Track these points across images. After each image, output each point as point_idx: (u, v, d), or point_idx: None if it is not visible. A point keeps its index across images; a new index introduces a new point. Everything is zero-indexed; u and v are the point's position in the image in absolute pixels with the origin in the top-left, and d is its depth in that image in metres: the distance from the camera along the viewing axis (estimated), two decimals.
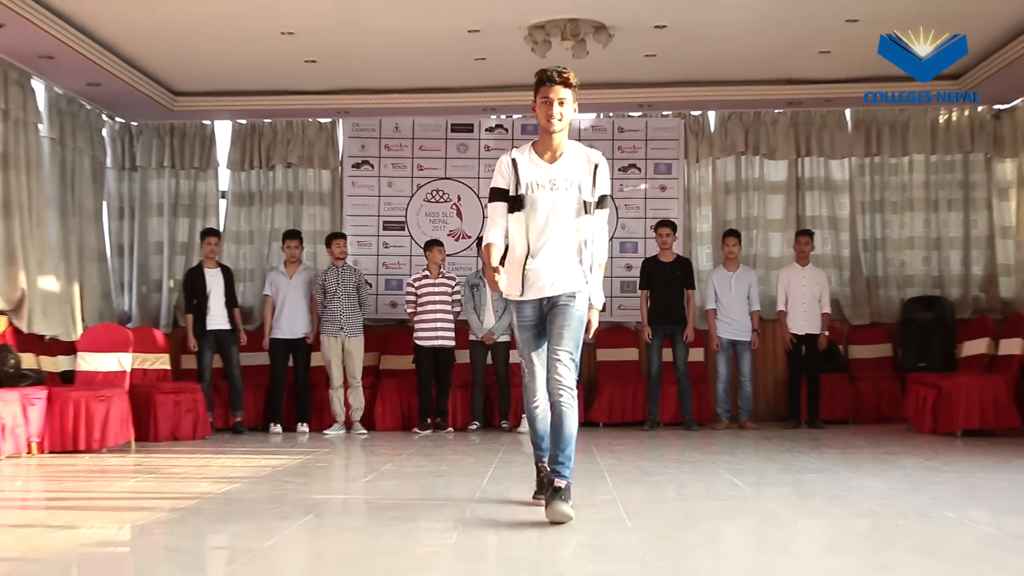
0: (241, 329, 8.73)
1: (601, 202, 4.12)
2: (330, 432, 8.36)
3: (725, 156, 9.69)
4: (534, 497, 4.38)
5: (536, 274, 4.10)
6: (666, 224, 8.71)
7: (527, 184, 4.08)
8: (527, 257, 4.10)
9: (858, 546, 3.53)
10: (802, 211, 9.64)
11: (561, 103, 4.08)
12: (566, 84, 4.08)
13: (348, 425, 8.45)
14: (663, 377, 8.60)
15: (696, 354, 9.13)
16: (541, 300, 4.14)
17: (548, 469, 4.09)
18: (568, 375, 3.99)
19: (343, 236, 8.76)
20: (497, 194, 4.14)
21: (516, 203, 4.10)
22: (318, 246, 9.65)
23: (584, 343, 4.14)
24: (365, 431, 8.39)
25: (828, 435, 7.88)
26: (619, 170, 9.62)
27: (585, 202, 4.06)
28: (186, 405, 7.91)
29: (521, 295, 4.14)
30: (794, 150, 9.61)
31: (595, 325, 4.18)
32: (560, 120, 4.09)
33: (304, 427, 8.52)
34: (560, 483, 3.93)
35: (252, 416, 8.79)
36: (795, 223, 9.51)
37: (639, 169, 9.69)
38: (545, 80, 4.08)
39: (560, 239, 4.06)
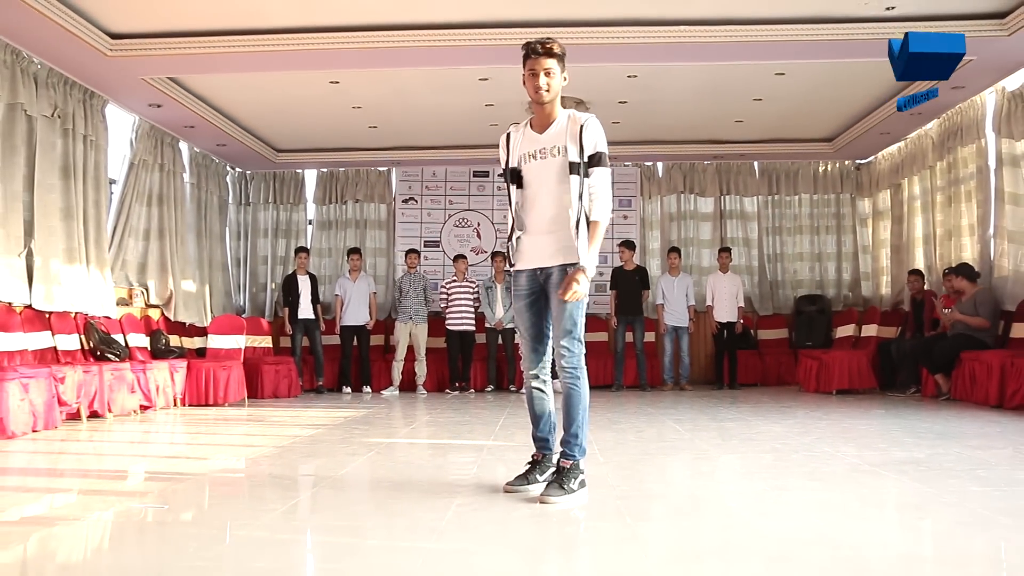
0: (322, 319, 8.70)
1: (595, 160, 2.87)
2: (386, 392, 8.33)
3: (669, 194, 9.66)
4: (506, 484, 3.03)
5: (525, 243, 2.96)
6: (628, 244, 8.66)
7: (519, 157, 2.96)
8: (522, 228, 2.97)
9: (764, 473, 3.50)
10: (724, 233, 9.61)
11: (548, 73, 2.88)
12: (550, 54, 2.89)
13: (413, 388, 8.38)
14: (626, 353, 8.57)
15: (649, 336, 9.10)
16: (535, 270, 2.97)
17: (542, 456, 3.05)
18: (571, 356, 2.89)
19: (416, 252, 8.72)
20: (503, 173, 3.03)
21: (515, 177, 2.97)
22: (377, 259, 9.66)
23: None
24: (426, 391, 8.38)
25: (743, 395, 7.85)
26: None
27: (571, 163, 2.85)
28: (283, 372, 7.89)
29: (512, 266, 3.03)
30: (718, 190, 9.57)
31: (577, 288, 2.80)
32: (548, 91, 2.89)
33: (367, 389, 8.50)
34: (565, 463, 2.88)
35: (330, 380, 8.75)
36: (719, 242, 9.49)
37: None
38: (530, 53, 2.90)
39: (549, 207, 2.89)
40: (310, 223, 9.85)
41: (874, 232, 9.38)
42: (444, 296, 8.68)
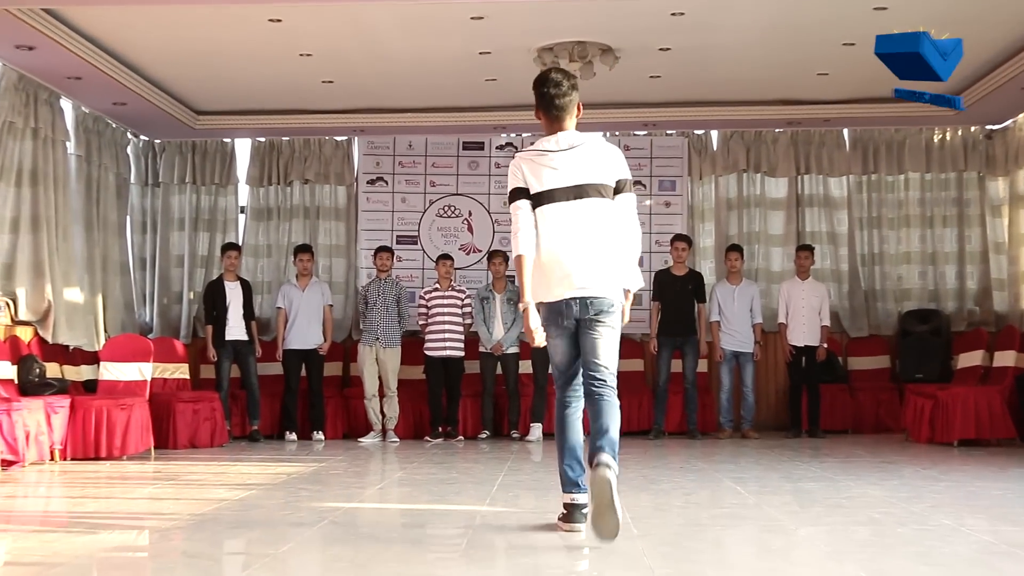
0: (258, 340, 8.75)
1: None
2: (366, 440, 8.38)
3: (727, 173, 9.68)
4: (560, 520, 3.82)
5: None
6: (682, 238, 8.73)
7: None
8: None
9: (858, 553, 3.49)
10: (802, 227, 9.62)
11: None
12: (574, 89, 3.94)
13: (384, 433, 8.48)
14: (669, 388, 8.61)
15: (701, 365, 9.09)
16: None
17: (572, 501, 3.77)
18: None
19: (388, 250, 8.79)
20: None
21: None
22: (334, 260, 9.70)
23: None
24: (398, 439, 8.40)
25: (828, 444, 7.84)
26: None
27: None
28: (204, 413, 7.90)
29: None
30: (794, 168, 9.59)
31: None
32: None
33: (319, 435, 8.52)
34: (603, 457, 3.51)
35: (268, 424, 8.78)
36: (795, 238, 9.49)
37: (644, 186, 9.68)
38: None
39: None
40: (242, 211, 9.88)
41: (1011, 224, 9.27)
42: (424, 310, 8.69)
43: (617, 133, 9.74)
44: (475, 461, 6.80)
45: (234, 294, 8.60)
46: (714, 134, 9.75)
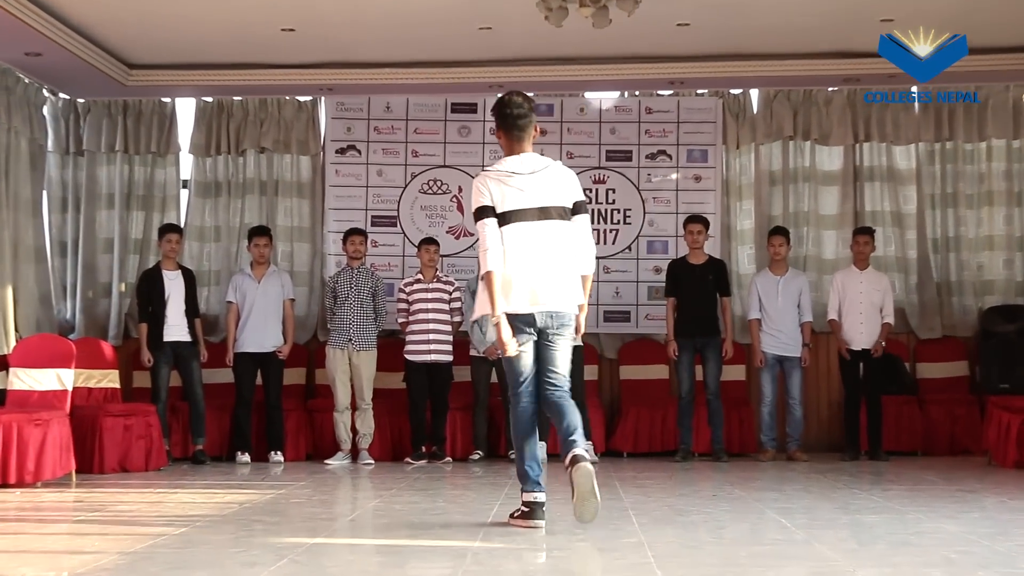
0: (203, 342, 8.75)
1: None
2: (333, 461, 8.41)
3: (770, 141, 9.71)
4: (517, 517, 4.97)
5: None
6: (696, 220, 8.72)
7: None
8: None
9: None
10: (860, 205, 9.64)
11: None
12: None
13: (354, 454, 8.50)
14: (697, 398, 8.61)
15: (737, 372, 9.15)
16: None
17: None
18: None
19: (361, 233, 8.84)
20: None
21: None
22: (296, 245, 9.73)
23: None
24: (372, 460, 8.44)
25: (893, 468, 7.85)
26: (647, 157, 9.70)
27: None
28: (138, 430, 7.87)
29: None
30: (851, 134, 9.59)
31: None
32: None
33: (277, 456, 8.54)
34: (579, 451, 4.65)
35: (216, 443, 8.78)
36: (852, 219, 9.51)
37: (670, 156, 9.72)
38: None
39: None
40: (184, 186, 9.90)
41: None
42: (404, 305, 8.69)
43: (636, 93, 9.78)
44: (466, 487, 6.80)
45: (174, 286, 8.58)
46: (754, 94, 9.77)
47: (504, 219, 4.83)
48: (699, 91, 9.70)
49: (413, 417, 8.54)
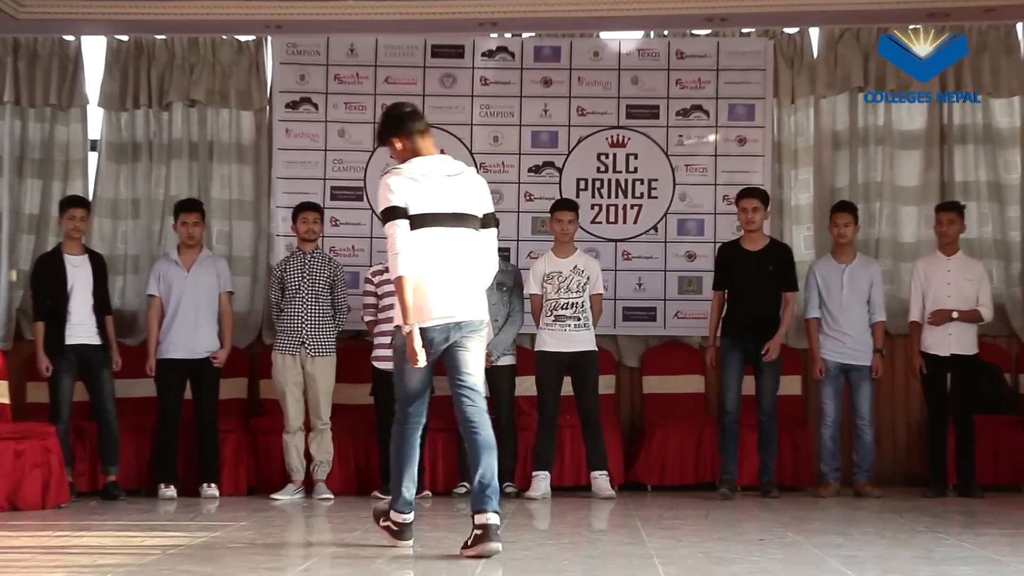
0: (115, 345, 8.70)
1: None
2: (282, 496, 8.39)
3: (834, 94, 9.73)
4: (394, 536, 5.81)
5: None
6: (751, 194, 8.64)
7: None
8: None
9: None
10: (948, 175, 9.69)
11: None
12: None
13: (309, 486, 8.51)
14: (741, 418, 8.54)
15: (790, 384, 9.15)
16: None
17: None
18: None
19: (317, 209, 8.82)
20: None
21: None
22: (235, 224, 9.74)
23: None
24: (331, 495, 8.44)
25: (988, 507, 7.86)
26: (678, 114, 9.72)
27: None
28: (32, 458, 7.81)
29: None
30: (937, 83, 9.56)
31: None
32: None
33: (211, 489, 8.51)
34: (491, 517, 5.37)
35: (132, 473, 8.74)
36: (937, 193, 9.56)
37: (707, 113, 9.75)
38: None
39: None
40: (93, 148, 9.89)
41: None
42: (372, 300, 8.70)
43: (666, 32, 9.78)
44: (450, 529, 6.75)
45: (79, 274, 8.54)
46: (814, 34, 9.79)
47: (415, 223, 5.42)
48: (745, 30, 9.71)
49: (383, 440, 8.27)
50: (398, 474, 5.72)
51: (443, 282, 5.45)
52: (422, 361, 5.40)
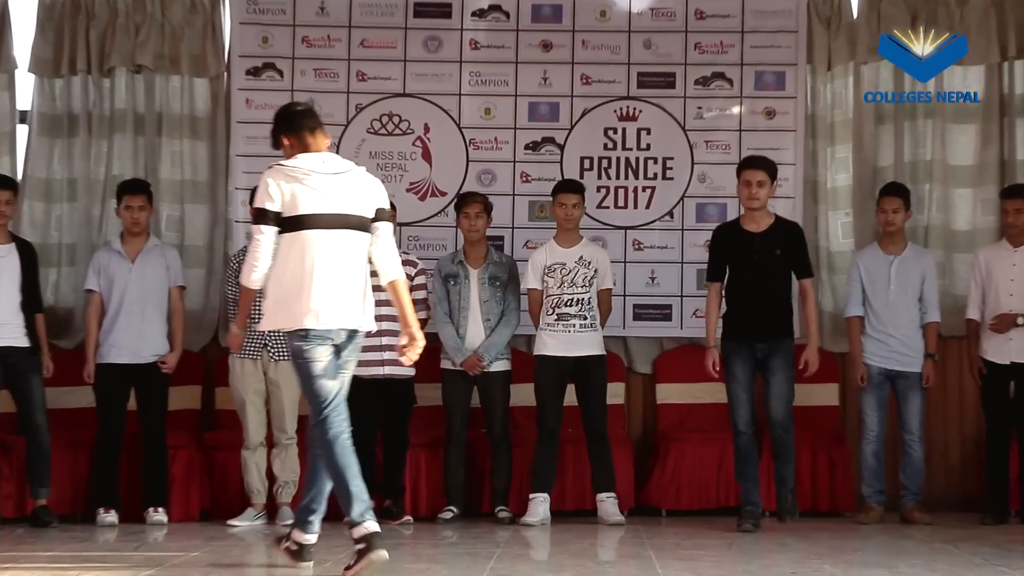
0: (46, 348, 8.64)
1: None
2: (241, 522, 8.37)
3: (876, 60, 9.67)
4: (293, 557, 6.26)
5: None
6: (755, 164, 8.22)
7: None
8: None
9: None
10: (1010, 152, 9.66)
11: None
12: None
13: (272, 510, 8.51)
14: (758, 431, 8.38)
15: (826, 393, 9.22)
16: None
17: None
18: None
19: None
20: None
21: None
22: (188, 207, 9.73)
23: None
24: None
25: None
26: (697, 83, 9.71)
27: None
28: None
29: None
30: (996, 48, 9.58)
31: None
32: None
33: (158, 514, 8.45)
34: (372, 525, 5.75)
35: (66, 496, 8.68)
36: (997, 173, 9.57)
37: (730, 82, 9.76)
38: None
39: None
40: (23, 120, 9.82)
41: None
42: None
43: None
44: (432, 560, 6.86)
45: (5, 266, 8.45)
46: None
47: (297, 223, 5.85)
48: None
49: (359, 457, 8.33)
50: (344, 490, 5.90)
51: (327, 287, 5.86)
52: (325, 357, 5.88)
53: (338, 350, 5.98)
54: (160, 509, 8.43)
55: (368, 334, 6.23)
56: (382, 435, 8.54)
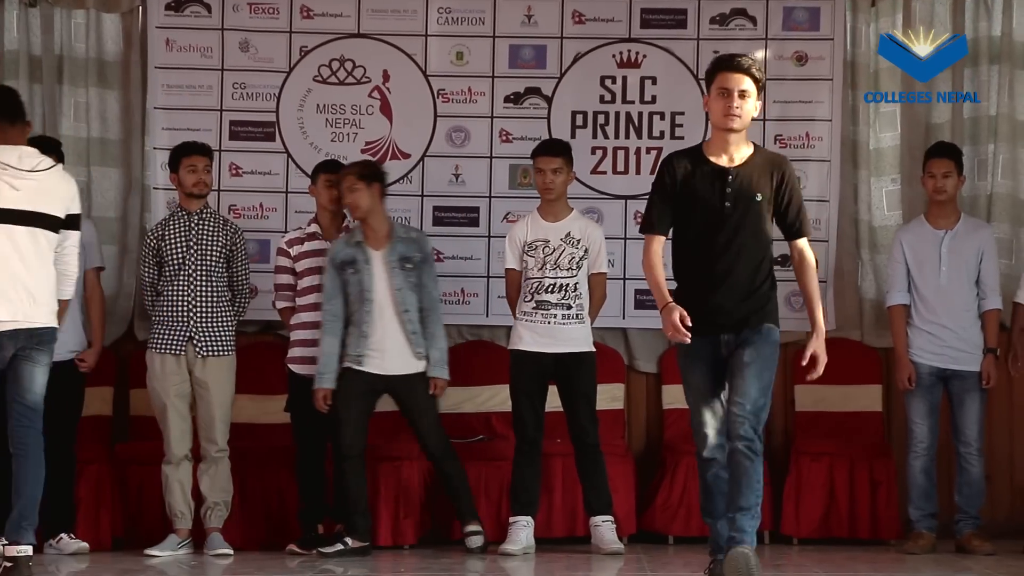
0: None
1: None
2: (161, 552, 8.38)
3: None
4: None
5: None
6: (734, 67, 6.38)
7: None
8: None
9: None
10: None
11: None
12: None
13: (199, 537, 8.51)
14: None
15: (866, 396, 9.32)
16: None
17: None
18: None
19: (206, 153, 8.75)
20: None
21: None
22: (95, 169, 9.76)
23: None
24: (229, 549, 8.44)
25: None
26: (713, 21, 9.76)
27: None
28: None
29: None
30: None
31: None
32: None
33: (68, 540, 8.47)
34: None
35: None
36: None
37: (753, 20, 9.82)
38: None
39: None
40: None
41: None
42: (287, 278, 8.82)
43: None
44: None
45: None
46: None
47: None
48: None
49: (304, 473, 8.58)
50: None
51: (6, 284, 6.70)
52: None
53: (19, 349, 6.79)
54: (66, 535, 8.43)
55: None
56: (333, 444, 8.55)
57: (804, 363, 6.37)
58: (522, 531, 8.35)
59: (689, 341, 6.32)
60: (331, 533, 8.50)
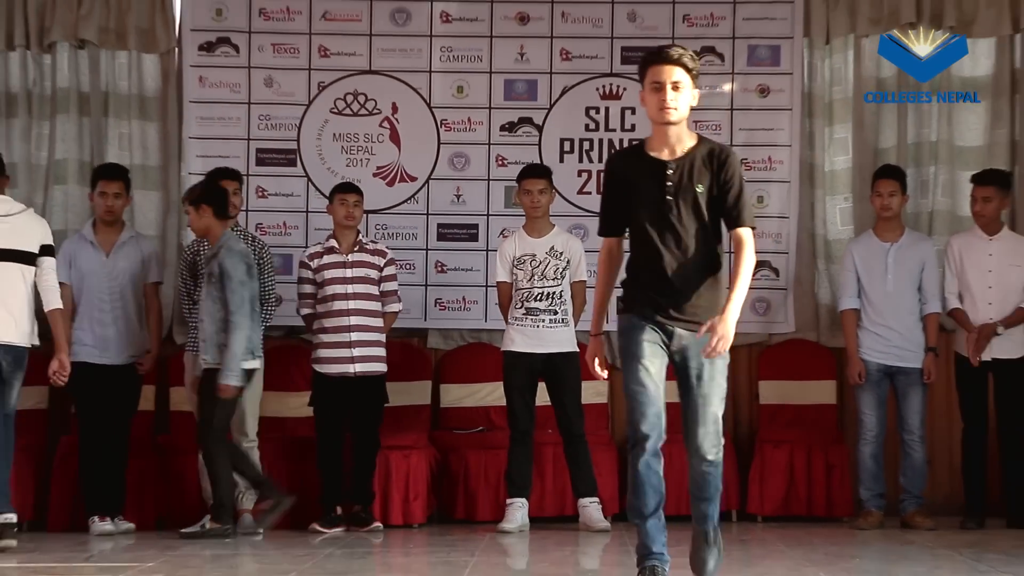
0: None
1: None
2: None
3: (878, 31, 9.69)
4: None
5: None
6: (666, 59, 5.56)
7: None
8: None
9: None
10: (1021, 132, 9.66)
11: None
12: None
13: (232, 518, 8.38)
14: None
15: (821, 391, 9.33)
16: None
17: None
18: None
19: (235, 176, 8.81)
20: None
21: None
22: (138, 193, 9.53)
23: None
24: (260, 530, 8.34)
25: None
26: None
27: None
28: None
29: None
30: (1008, 19, 9.57)
31: None
32: None
33: (105, 524, 8.43)
34: None
35: (26, 505, 8.52)
36: (1007, 154, 9.57)
37: (721, 57, 9.82)
38: None
39: None
40: None
41: None
42: (310, 288, 8.76)
43: None
44: (404, 569, 6.91)
45: None
46: None
47: None
48: None
49: (325, 461, 8.58)
50: None
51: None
52: None
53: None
54: (113, 520, 8.40)
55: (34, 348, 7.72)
56: (352, 437, 8.58)
57: (699, 335, 5.48)
58: (518, 511, 8.42)
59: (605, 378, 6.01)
60: (349, 513, 8.52)
